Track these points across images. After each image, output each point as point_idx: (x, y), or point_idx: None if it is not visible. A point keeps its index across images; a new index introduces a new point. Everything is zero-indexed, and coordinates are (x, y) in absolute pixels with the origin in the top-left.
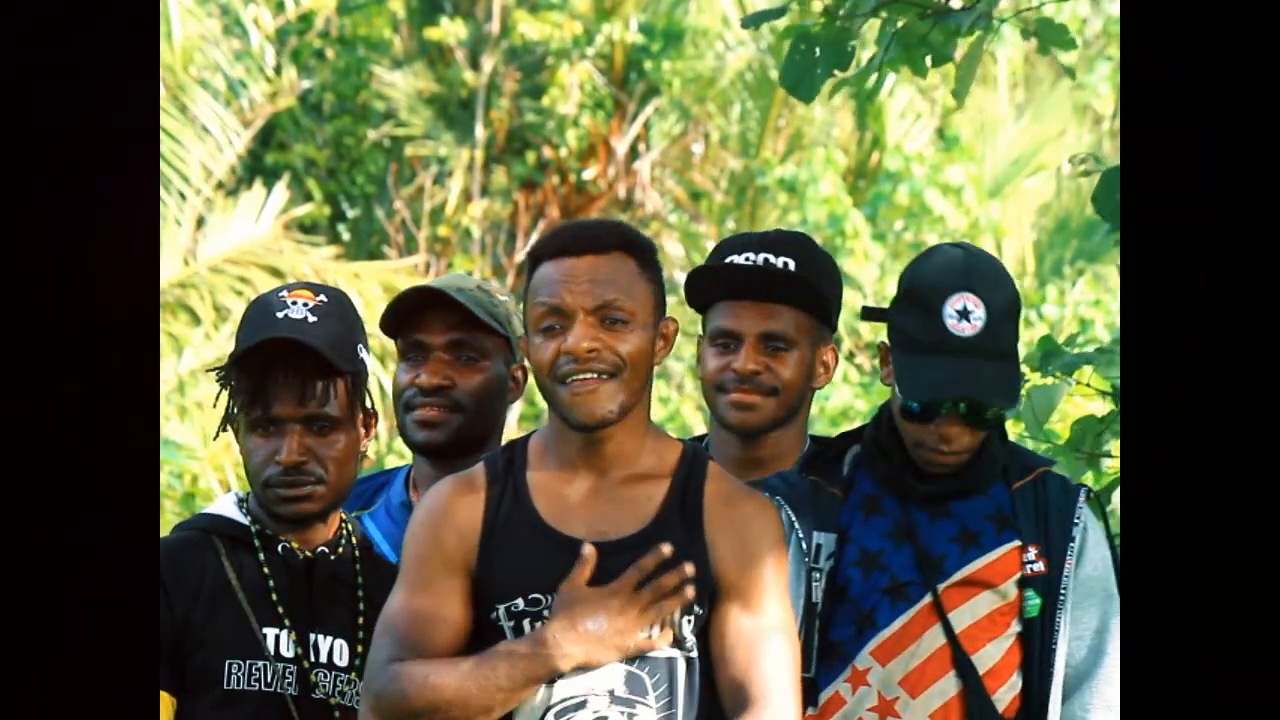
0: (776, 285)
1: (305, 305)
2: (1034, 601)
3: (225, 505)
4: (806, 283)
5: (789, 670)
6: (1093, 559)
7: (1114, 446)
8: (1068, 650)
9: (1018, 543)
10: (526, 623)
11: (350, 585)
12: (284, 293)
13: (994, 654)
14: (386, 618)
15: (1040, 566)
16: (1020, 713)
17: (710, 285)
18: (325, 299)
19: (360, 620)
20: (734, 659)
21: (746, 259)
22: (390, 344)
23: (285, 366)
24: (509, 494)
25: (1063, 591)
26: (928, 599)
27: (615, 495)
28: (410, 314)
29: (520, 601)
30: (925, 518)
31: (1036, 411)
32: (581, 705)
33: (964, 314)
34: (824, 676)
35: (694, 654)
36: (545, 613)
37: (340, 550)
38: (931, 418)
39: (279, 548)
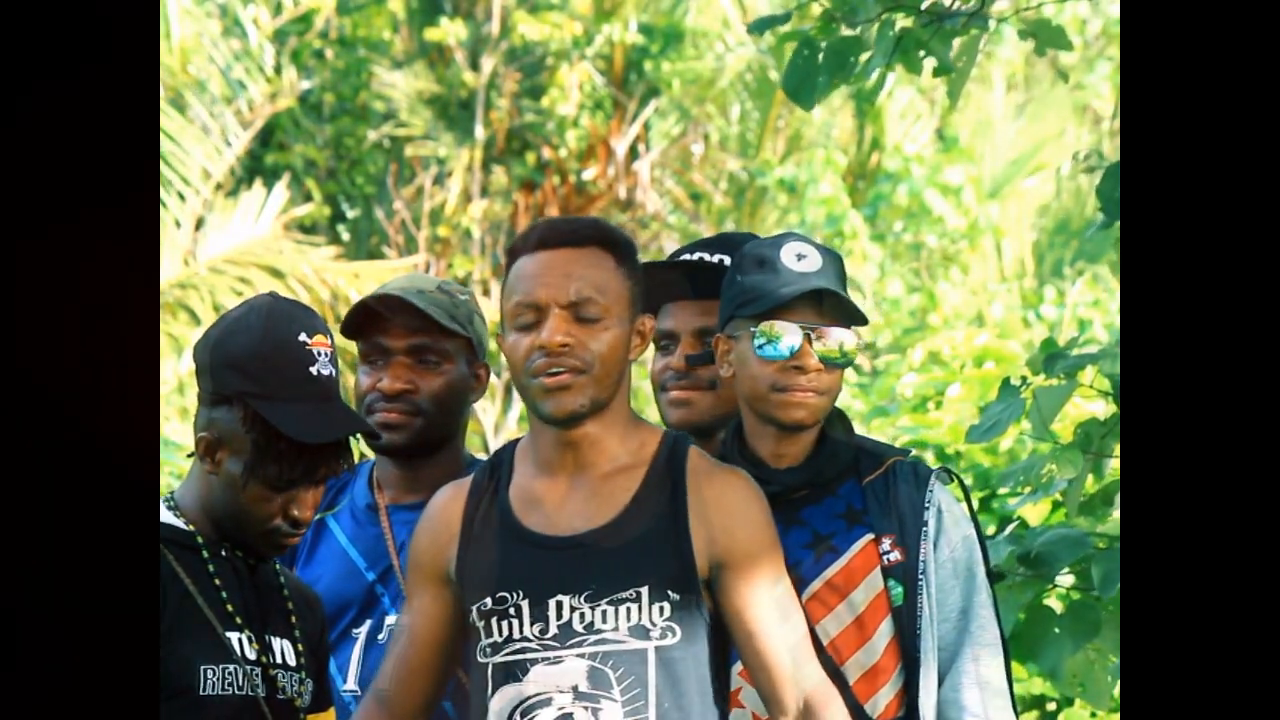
0: (708, 279)
1: (327, 356)
2: (897, 590)
3: (160, 512)
4: None
5: (806, 636)
6: (951, 540)
7: (1116, 448)
8: (939, 634)
9: (870, 536)
10: (494, 621)
11: (278, 589)
12: (304, 337)
13: (866, 659)
14: (395, 626)
15: (897, 555)
16: (904, 705)
17: (650, 288)
18: (330, 341)
19: (293, 620)
20: (755, 633)
21: (683, 259)
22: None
23: (339, 445)
24: (488, 495)
25: (921, 576)
26: None
27: (593, 490)
28: (372, 318)
29: (489, 600)
30: (779, 529)
31: (1043, 413)
32: (546, 703)
33: (800, 256)
34: None
35: (669, 641)
36: (512, 611)
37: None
38: (792, 348)
39: (221, 552)
